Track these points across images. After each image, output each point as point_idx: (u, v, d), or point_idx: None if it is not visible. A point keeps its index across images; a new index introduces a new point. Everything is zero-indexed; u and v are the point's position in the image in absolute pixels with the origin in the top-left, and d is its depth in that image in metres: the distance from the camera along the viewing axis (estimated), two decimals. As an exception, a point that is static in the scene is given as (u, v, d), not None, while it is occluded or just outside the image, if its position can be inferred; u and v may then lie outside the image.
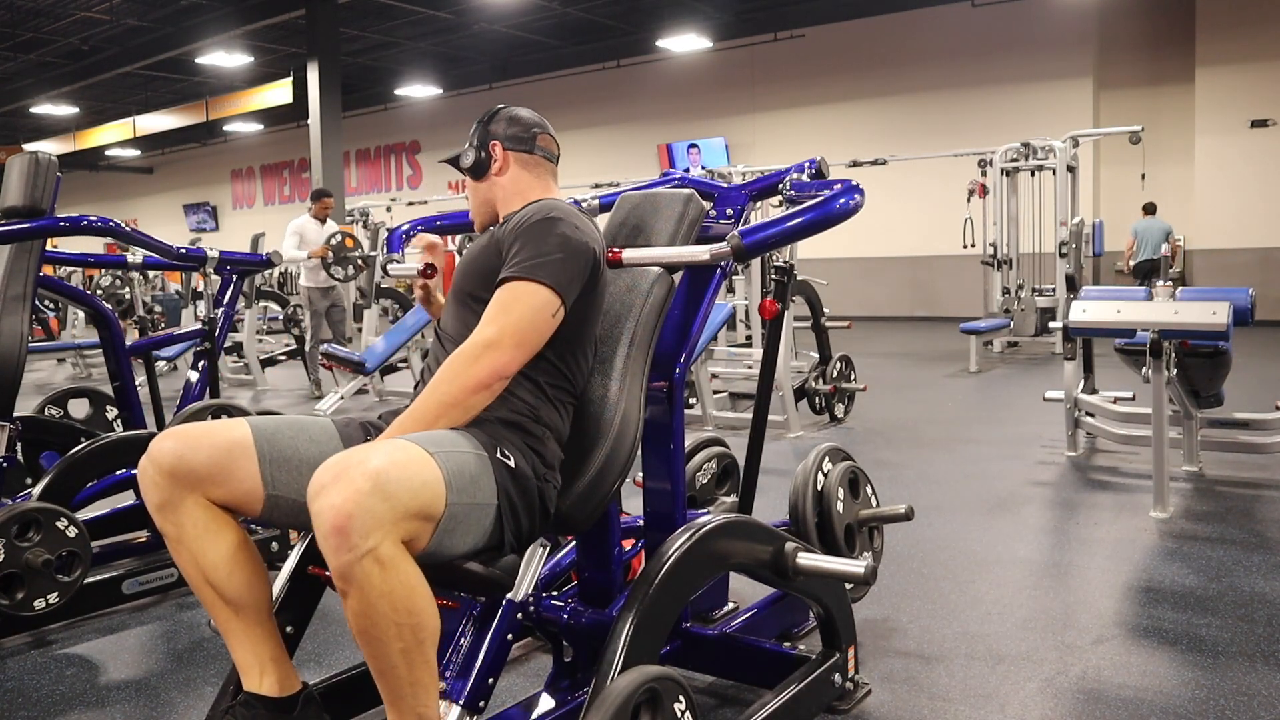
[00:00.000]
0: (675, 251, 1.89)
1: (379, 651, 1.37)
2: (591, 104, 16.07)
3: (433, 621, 1.39)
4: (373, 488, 1.31)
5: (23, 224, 2.85)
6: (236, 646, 1.58)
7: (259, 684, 1.57)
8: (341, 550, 1.30)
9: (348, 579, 1.31)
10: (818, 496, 2.41)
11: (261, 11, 13.36)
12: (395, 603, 1.33)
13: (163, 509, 1.54)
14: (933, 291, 13.52)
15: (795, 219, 1.60)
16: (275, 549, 3.16)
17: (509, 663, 2.21)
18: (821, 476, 2.43)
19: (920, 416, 5.89)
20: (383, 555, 1.31)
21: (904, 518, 2.46)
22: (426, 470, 1.40)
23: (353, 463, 1.33)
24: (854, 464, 2.54)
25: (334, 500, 1.30)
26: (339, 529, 1.29)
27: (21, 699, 2.31)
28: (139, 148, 22.65)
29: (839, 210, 1.62)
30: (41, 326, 10.57)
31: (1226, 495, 3.82)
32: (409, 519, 1.35)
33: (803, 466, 2.45)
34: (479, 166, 1.90)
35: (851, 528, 2.47)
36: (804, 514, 2.39)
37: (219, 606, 1.57)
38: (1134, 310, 3.52)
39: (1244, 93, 11.39)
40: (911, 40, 13.57)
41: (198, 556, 1.55)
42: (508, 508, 1.52)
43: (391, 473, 1.34)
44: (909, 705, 2.12)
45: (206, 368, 3.55)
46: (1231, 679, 2.20)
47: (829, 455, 2.50)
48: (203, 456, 1.52)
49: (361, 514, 1.29)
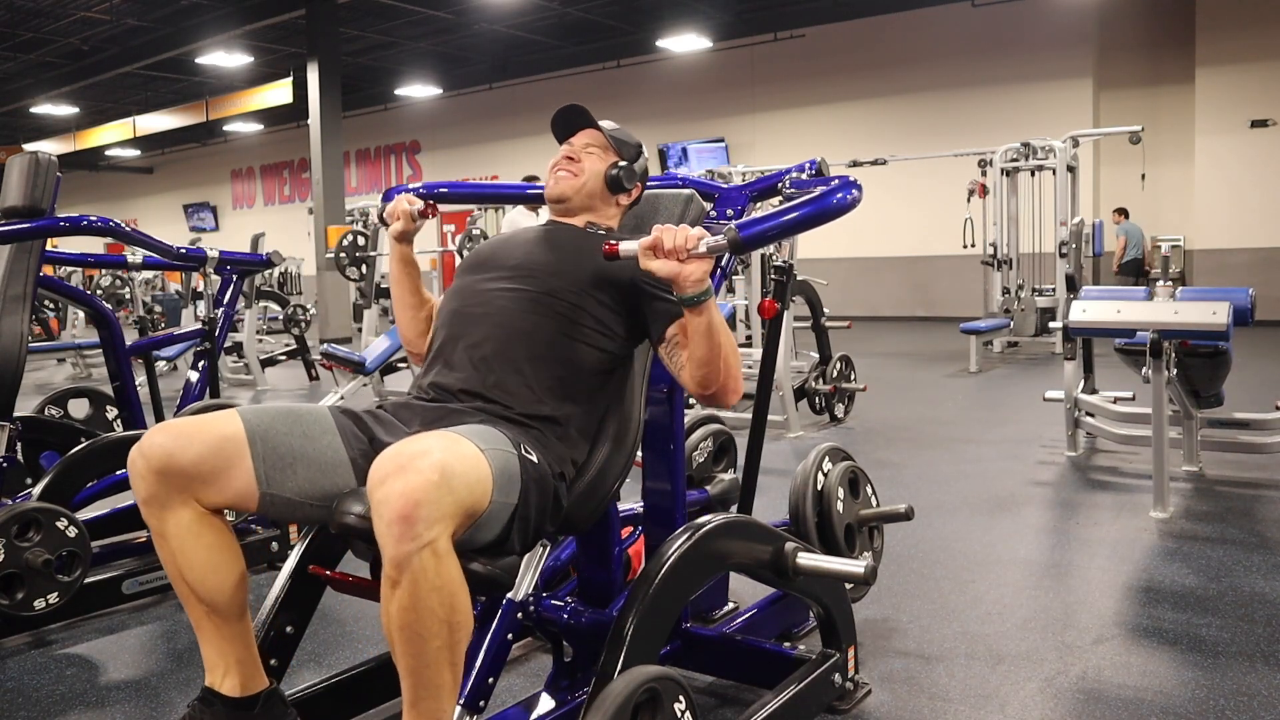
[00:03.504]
0: None
1: (417, 648, 1.35)
2: (591, 104, 15.72)
3: (469, 622, 1.39)
4: (441, 478, 1.30)
5: (23, 224, 2.85)
6: (205, 643, 1.57)
7: (220, 682, 1.56)
8: (404, 539, 1.28)
9: (403, 569, 1.29)
10: (818, 496, 2.41)
11: (261, 11, 13.36)
12: (444, 598, 1.32)
13: (149, 503, 1.52)
14: (933, 291, 13.52)
15: (792, 213, 1.59)
16: (275, 549, 3.16)
17: (509, 663, 2.21)
18: (821, 476, 2.43)
19: (920, 416, 5.89)
20: (440, 548, 1.31)
21: (904, 517, 2.45)
22: (480, 468, 1.40)
23: (417, 452, 1.32)
24: (854, 464, 2.54)
25: (401, 488, 1.28)
26: (405, 517, 1.27)
27: (21, 699, 2.30)
28: (139, 148, 22.65)
29: (836, 205, 1.61)
30: (41, 326, 10.57)
31: (1226, 495, 3.82)
32: (462, 514, 1.35)
33: (803, 466, 2.45)
34: (618, 185, 1.97)
35: (852, 527, 2.47)
36: (804, 514, 2.38)
37: (193, 603, 1.56)
38: (1134, 310, 3.52)
39: (1244, 93, 11.39)
40: (911, 40, 13.57)
41: (177, 555, 1.53)
42: (525, 507, 1.51)
43: (455, 466, 1.33)
44: (909, 705, 2.12)
45: (206, 368, 3.55)
46: (1231, 679, 2.20)
47: (829, 455, 2.49)
48: (193, 455, 1.50)
49: (429, 504, 1.28)
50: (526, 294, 1.78)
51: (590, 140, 1.99)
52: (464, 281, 1.90)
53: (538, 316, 1.75)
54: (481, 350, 1.73)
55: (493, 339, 1.74)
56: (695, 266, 1.57)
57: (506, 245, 1.93)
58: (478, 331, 1.76)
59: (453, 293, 1.90)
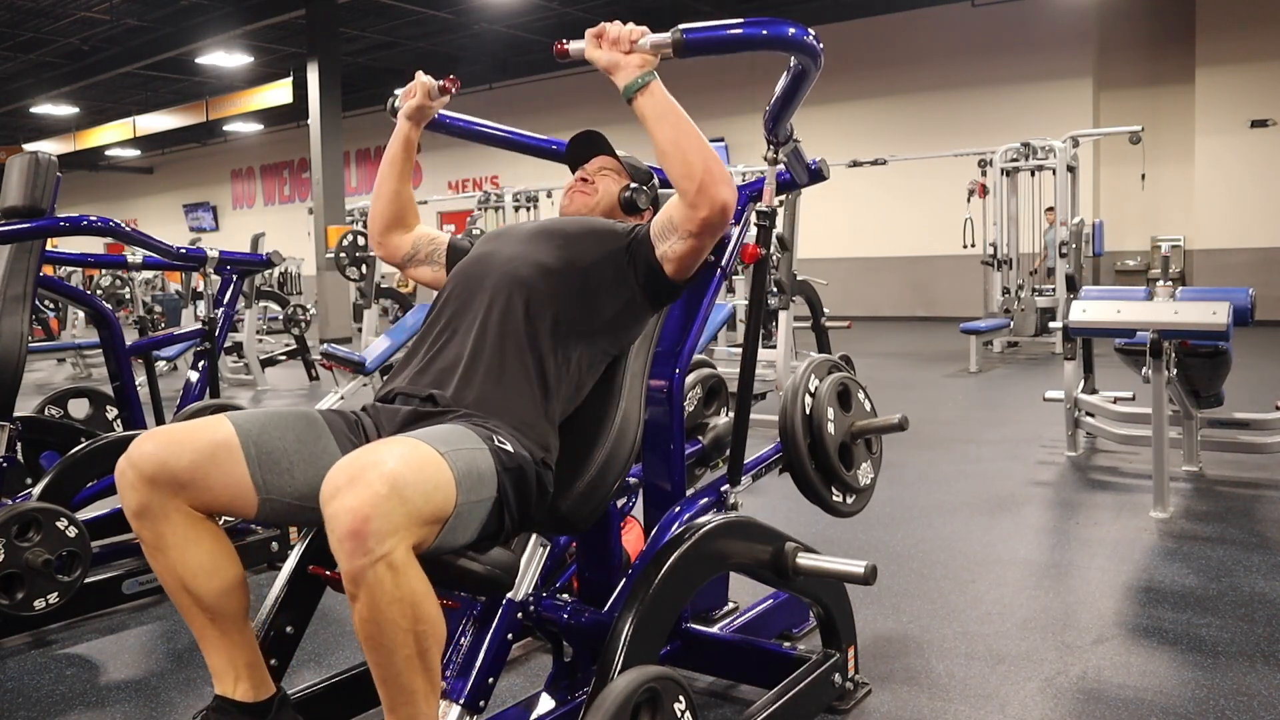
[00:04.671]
0: None
1: (384, 658, 1.35)
2: (591, 104, 15.97)
3: (439, 629, 1.37)
4: (390, 491, 1.28)
5: (23, 224, 2.85)
6: (211, 652, 1.56)
7: (233, 689, 1.55)
8: (356, 555, 1.27)
9: (359, 583, 1.29)
10: (807, 422, 2.25)
11: (261, 11, 13.36)
12: (405, 609, 1.31)
13: (141, 515, 1.49)
14: (933, 291, 13.51)
15: (740, 28, 1.60)
16: (275, 549, 3.16)
17: (509, 663, 2.21)
18: (809, 398, 2.27)
19: (920, 416, 5.87)
20: (396, 561, 1.29)
21: (898, 428, 2.35)
22: (440, 473, 1.37)
23: (368, 464, 1.30)
24: (843, 374, 2.39)
25: (350, 503, 1.27)
26: (355, 533, 1.26)
27: (21, 699, 2.30)
28: (139, 148, 22.65)
29: (787, 34, 1.60)
30: (41, 326, 10.56)
31: (1226, 495, 3.82)
32: (421, 524, 1.33)
33: (790, 386, 2.30)
34: (632, 206, 2.01)
35: (846, 445, 2.34)
36: (795, 441, 2.24)
37: (195, 613, 1.54)
38: (1134, 310, 3.52)
39: (1244, 93, 11.39)
40: (911, 40, 13.57)
41: (176, 565, 1.51)
42: (506, 497, 1.50)
43: (407, 476, 1.31)
44: (909, 705, 2.12)
45: (206, 368, 3.55)
46: (1231, 679, 2.20)
47: (815, 371, 2.34)
48: (185, 461, 1.47)
49: (379, 518, 1.27)
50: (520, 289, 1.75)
51: (604, 164, 2.04)
52: (466, 264, 1.87)
53: (526, 314, 1.72)
54: (466, 346, 1.70)
55: (478, 336, 1.71)
56: (635, 57, 1.65)
57: (503, 238, 1.91)
58: (466, 323, 1.74)
59: (451, 278, 1.87)
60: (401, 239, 2.09)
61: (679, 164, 1.65)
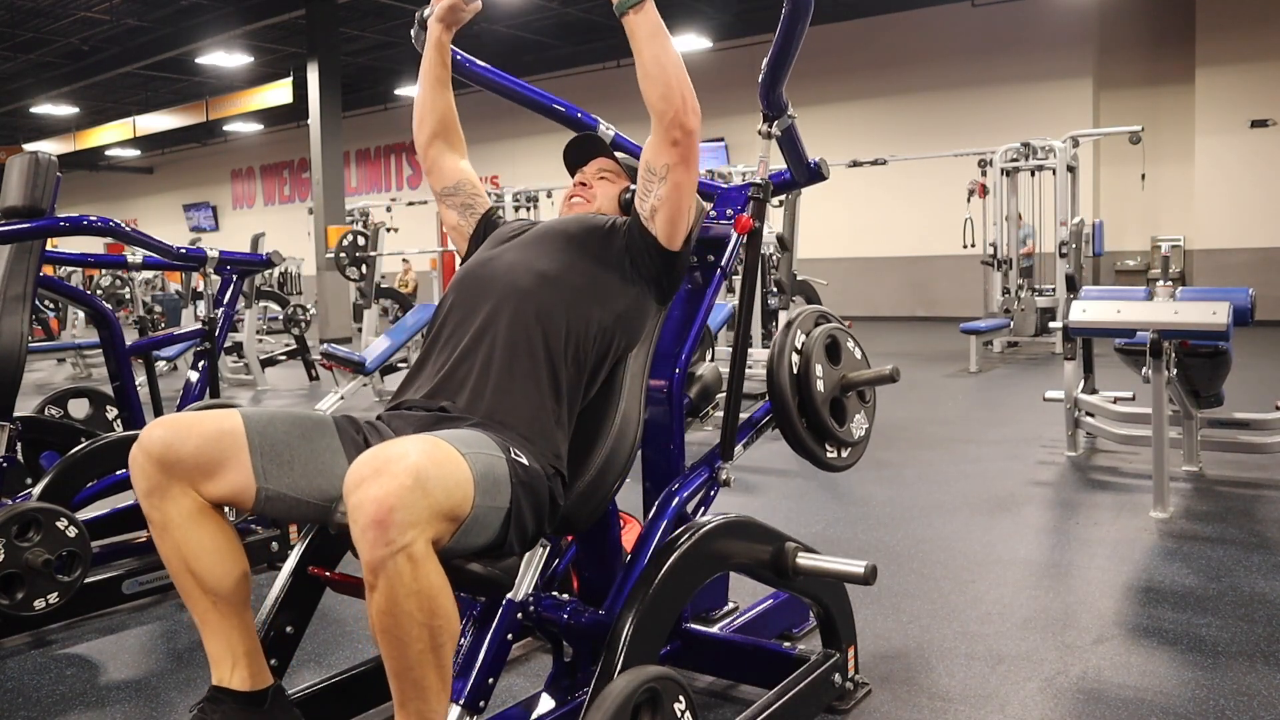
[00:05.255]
0: None
1: (398, 651, 1.35)
2: (591, 104, 15.86)
3: (453, 625, 1.38)
4: (414, 483, 1.30)
5: (23, 224, 2.85)
6: (210, 638, 1.57)
7: (229, 677, 1.55)
8: (378, 544, 1.28)
9: (379, 573, 1.30)
10: (795, 381, 2.18)
11: (261, 11, 13.37)
12: (422, 602, 1.32)
13: (150, 495, 1.52)
14: (932, 291, 13.52)
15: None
16: (275, 549, 3.16)
17: (509, 663, 2.21)
18: (796, 356, 2.19)
19: (920, 416, 5.89)
20: (416, 553, 1.30)
21: (889, 379, 2.30)
22: (460, 471, 1.39)
23: (393, 456, 1.32)
24: (831, 325, 2.31)
25: (375, 493, 1.28)
26: (379, 522, 1.27)
27: (21, 699, 2.31)
28: (139, 148, 22.66)
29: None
30: (41, 326, 10.56)
31: (1226, 495, 3.82)
32: (441, 519, 1.35)
33: (775, 343, 2.22)
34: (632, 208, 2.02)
35: (838, 400, 2.28)
36: (784, 400, 2.17)
37: (197, 596, 1.55)
38: (1134, 310, 3.52)
39: (1244, 93, 11.39)
40: (911, 40, 13.58)
41: (181, 545, 1.53)
42: (518, 509, 1.50)
43: (431, 470, 1.33)
44: (909, 705, 2.12)
45: (206, 368, 3.55)
46: (1231, 679, 2.20)
47: (800, 325, 2.24)
48: (192, 446, 1.50)
49: (403, 508, 1.28)
50: (528, 298, 1.75)
51: (603, 166, 2.05)
52: (468, 271, 1.87)
53: (536, 322, 1.72)
54: (475, 358, 1.71)
55: (487, 347, 1.71)
56: None
57: (506, 244, 1.92)
58: (473, 334, 1.74)
59: (453, 288, 1.88)
60: (449, 162, 2.10)
61: (660, 84, 1.77)
